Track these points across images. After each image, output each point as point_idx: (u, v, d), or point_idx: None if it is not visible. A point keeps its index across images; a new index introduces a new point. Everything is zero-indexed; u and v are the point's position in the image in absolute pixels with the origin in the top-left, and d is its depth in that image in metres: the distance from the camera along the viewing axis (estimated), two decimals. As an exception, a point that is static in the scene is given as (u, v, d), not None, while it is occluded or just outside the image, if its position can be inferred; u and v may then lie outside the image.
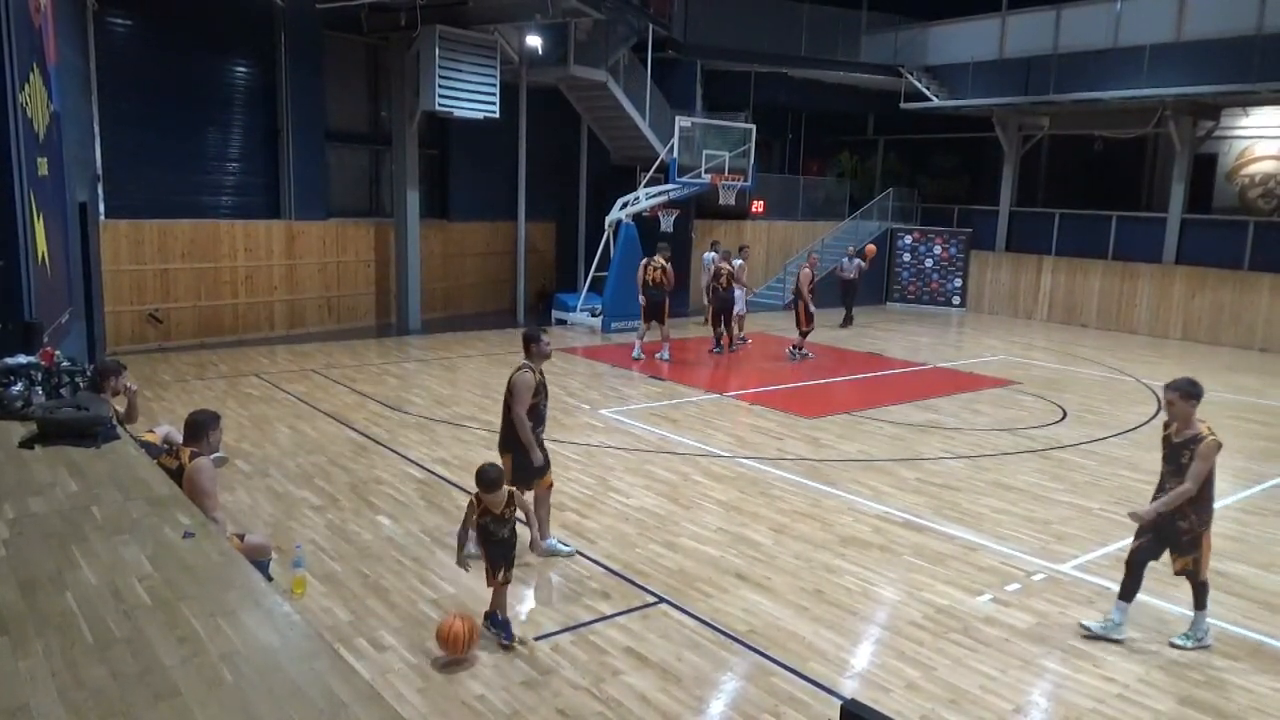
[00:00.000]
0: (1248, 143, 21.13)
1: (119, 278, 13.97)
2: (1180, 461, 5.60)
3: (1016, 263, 22.33)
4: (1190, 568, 5.70)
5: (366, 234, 17.41)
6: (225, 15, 15.00)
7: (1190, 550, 5.66)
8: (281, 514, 7.51)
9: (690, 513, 7.86)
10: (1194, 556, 5.66)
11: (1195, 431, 5.58)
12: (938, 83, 22.40)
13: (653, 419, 11.10)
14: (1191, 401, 5.60)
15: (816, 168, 27.97)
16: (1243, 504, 8.60)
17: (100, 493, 4.28)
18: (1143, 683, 5.27)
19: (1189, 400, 5.60)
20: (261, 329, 15.88)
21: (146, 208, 14.28)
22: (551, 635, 5.62)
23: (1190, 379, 5.69)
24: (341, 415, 10.72)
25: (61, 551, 3.57)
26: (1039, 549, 7.29)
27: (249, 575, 3.50)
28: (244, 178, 15.69)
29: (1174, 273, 19.58)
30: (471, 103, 16.06)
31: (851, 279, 19.83)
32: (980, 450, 10.01)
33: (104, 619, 3.02)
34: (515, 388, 6.68)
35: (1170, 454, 5.69)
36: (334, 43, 16.64)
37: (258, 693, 2.61)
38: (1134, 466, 9.64)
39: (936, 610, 6.12)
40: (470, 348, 15.53)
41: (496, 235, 19.79)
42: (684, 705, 4.89)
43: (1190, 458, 5.53)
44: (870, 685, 5.16)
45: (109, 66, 13.66)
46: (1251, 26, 17.32)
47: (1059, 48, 20.30)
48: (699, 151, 18.16)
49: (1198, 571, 5.69)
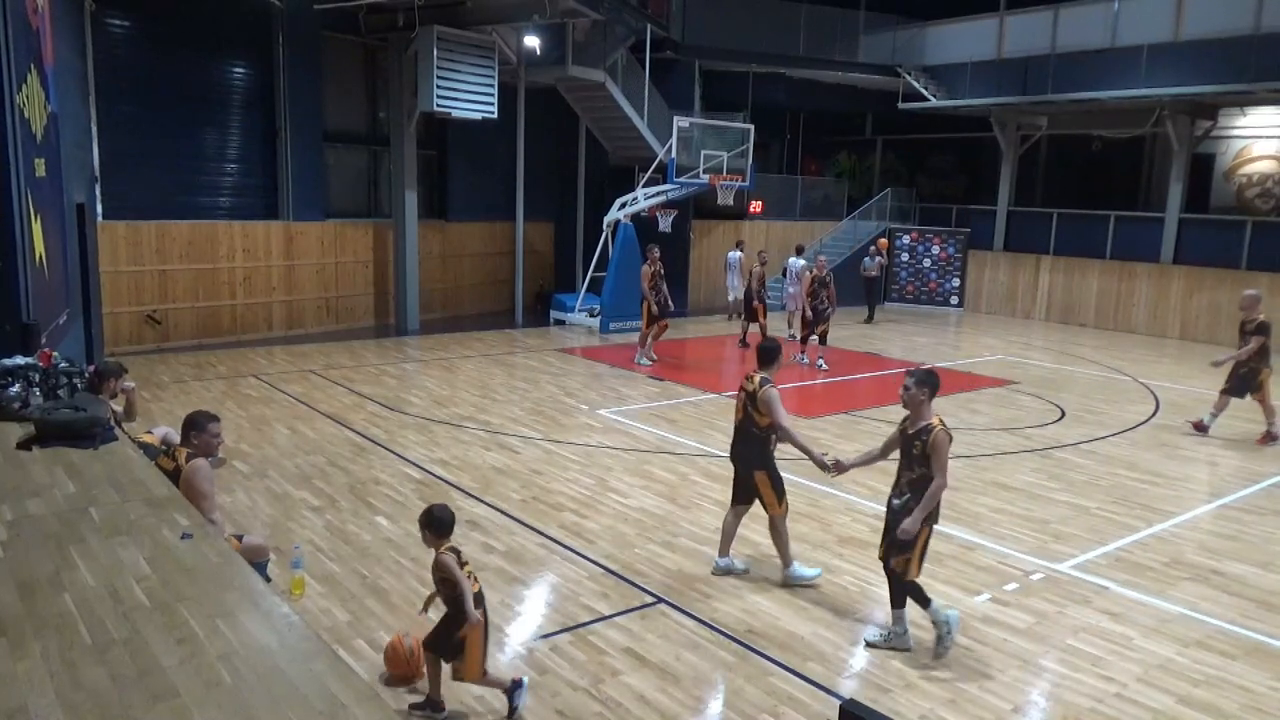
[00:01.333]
0: (1245, 142, 21.14)
1: (117, 279, 13.96)
2: (912, 453, 5.46)
3: (1014, 262, 22.34)
4: (901, 567, 5.52)
5: (365, 235, 17.41)
6: (223, 16, 15.00)
7: (906, 549, 5.47)
8: (280, 515, 7.50)
9: (689, 513, 7.87)
10: (907, 556, 5.48)
11: (927, 422, 5.43)
12: (936, 83, 22.42)
13: (651, 419, 11.10)
14: (924, 390, 5.47)
15: (815, 167, 28.01)
16: (1241, 503, 8.61)
17: (98, 494, 4.28)
18: (1141, 682, 5.27)
19: (922, 388, 5.47)
20: (260, 330, 15.87)
21: (144, 209, 14.28)
22: (550, 636, 5.62)
23: (929, 369, 5.59)
24: (340, 416, 10.71)
25: (59, 553, 3.57)
26: (1037, 548, 7.30)
27: (247, 576, 3.50)
28: (242, 179, 15.69)
29: (1172, 272, 19.60)
30: (469, 103, 16.06)
31: (874, 276, 20.50)
32: (978, 450, 10.01)
33: (102, 620, 3.02)
34: (770, 402, 6.24)
35: (905, 446, 5.54)
36: (332, 43, 16.64)
37: (256, 694, 2.61)
38: (1132, 466, 9.65)
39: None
40: (469, 348, 15.53)
41: (495, 236, 19.79)
42: (683, 705, 4.89)
43: (921, 449, 5.39)
44: (869, 685, 5.16)
45: (107, 67, 13.66)
46: (1249, 26, 17.34)
47: (1057, 47, 20.32)
48: (697, 152, 18.18)
49: (906, 570, 5.51)
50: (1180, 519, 8.10)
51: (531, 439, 10.03)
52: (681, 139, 17.88)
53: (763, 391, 6.27)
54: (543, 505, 7.95)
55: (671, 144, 17.79)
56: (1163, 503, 8.50)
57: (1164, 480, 9.21)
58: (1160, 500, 8.57)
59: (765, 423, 6.32)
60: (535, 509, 7.85)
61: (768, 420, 6.29)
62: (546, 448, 9.72)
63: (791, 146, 27.12)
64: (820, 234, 23.59)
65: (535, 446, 9.75)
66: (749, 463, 6.48)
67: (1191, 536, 7.67)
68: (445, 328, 17.56)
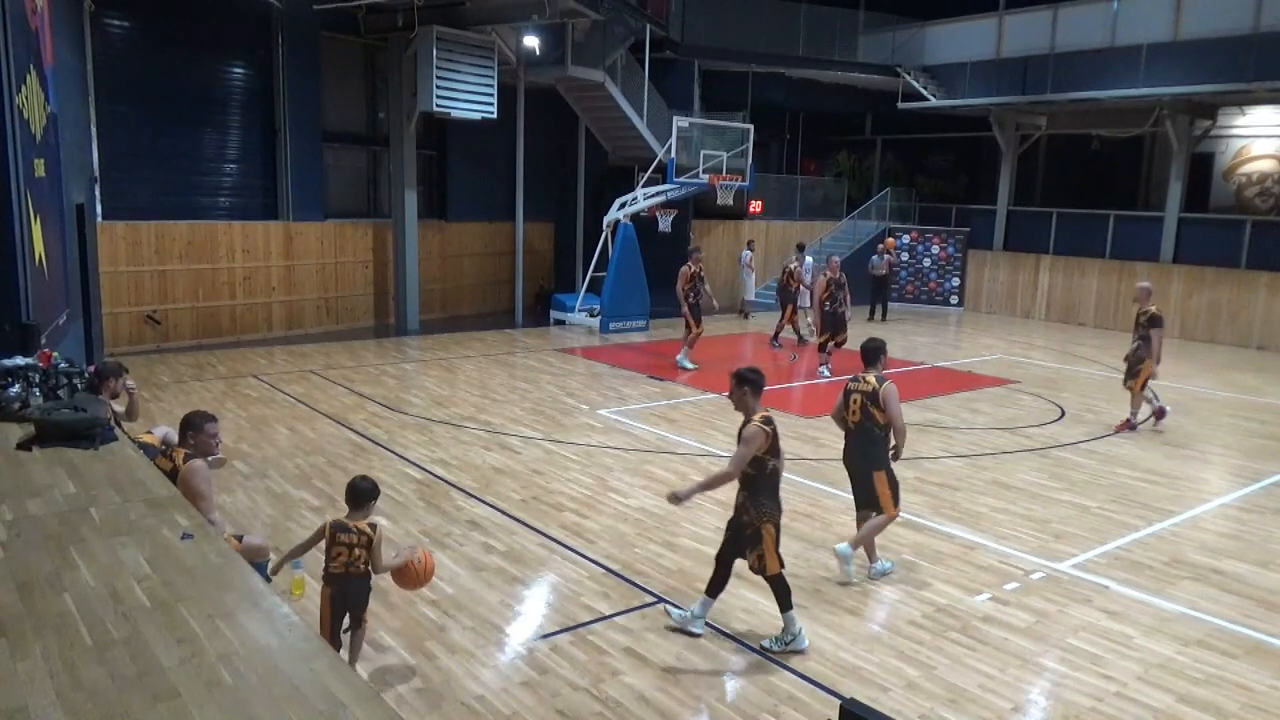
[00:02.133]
0: (1244, 142, 21.16)
1: (117, 279, 13.96)
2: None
3: (1014, 262, 22.34)
4: (756, 565, 5.52)
5: (364, 235, 17.41)
6: (222, 16, 15.00)
7: (754, 545, 5.48)
8: (280, 515, 7.50)
9: (689, 513, 7.85)
10: (758, 553, 5.48)
11: (746, 418, 5.45)
12: (935, 82, 22.44)
13: (651, 419, 11.10)
14: (744, 388, 5.47)
15: (814, 167, 28.02)
16: (1241, 502, 8.61)
17: (98, 494, 4.28)
18: (1141, 681, 5.27)
19: (742, 387, 5.46)
20: (260, 330, 15.87)
21: (144, 209, 14.28)
22: (551, 635, 5.62)
23: (752, 367, 5.58)
24: (340, 416, 10.71)
25: (59, 553, 3.56)
26: (1037, 548, 7.30)
27: (247, 576, 3.50)
28: (241, 179, 15.68)
29: (1171, 272, 19.60)
30: (469, 103, 16.05)
31: (883, 275, 20.62)
32: (979, 449, 10.01)
33: (102, 620, 3.02)
34: (891, 398, 6.34)
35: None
36: (331, 44, 16.64)
37: (256, 694, 2.61)
38: (1133, 465, 9.65)
39: (935, 609, 6.12)
40: (468, 348, 15.53)
41: (494, 236, 19.79)
42: (683, 705, 4.88)
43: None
44: (869, 684, 5.16)
45: (106, 68, 13.66)
46: (1248, 26, 17.35)
47: (1056, 47, 20.33)
48: (697, 152, 18.18)
49: (764, 566, 5.50)
50: (1180, 518, 8.10)
51: (532, 439, 10.03)
52: (681, 139, 17.88)
53: (884, 389, 6.37)
54: (543, 505, 7.95)
55: (671, 144, 17.79)
56: (1163, 502, 8.50)
57: (1164, 479, 9.22)
58: (1160, 499, 8.57)
59: (884, 420, 6.39)
60: (535, 509, 7.85)
61: (886, 418, 6.36)
62: (547, 448, 9.72)
63: (791, 146, 27.13)
64: (820, 234, 23.60)
65: (535, 446, 9.75)
66: (870, 462, 6.52)
67: (1191, 535, 7.67)
68: (445, 328, 17.55)
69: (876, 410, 6.39)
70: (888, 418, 6.38)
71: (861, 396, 6.46)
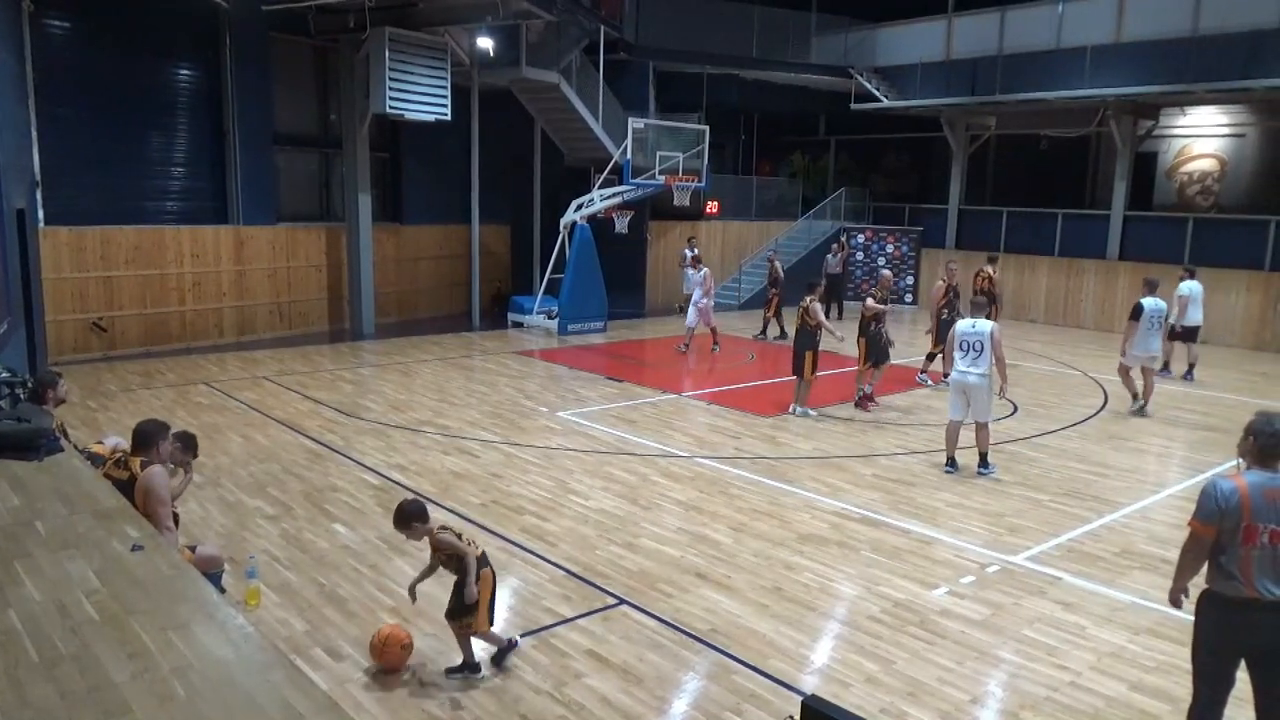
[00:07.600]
0: (1185, 141, 21.73)
1: (60, 286, 13.62)
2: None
3: (966, 260, 22.63)
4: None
5: (317, 238, 17.18)
6: (168, 16, 14.70)
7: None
8: (234, 524, 7.37)
9: (650, 513, 7.87)
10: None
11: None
12: (887, 83, 22.72)
13: (611, 420, 11.09)
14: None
15: (769, 168, 28.23)
16: (1186, 492, 8.81)
17: (44, 507, 4.17)
18: (1095, 670, 5.38)
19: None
20: (210, 336, 15.58)
21: (88, 214, 13.94)
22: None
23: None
24: (294, 422, 10.55)
25: (3, 568, 3.47)
26: (992, 541, 7.42)
27: (201, 588, 3.44)
28: (190, 182, 15.39)
29: (1118, 268, 20.06)
30: (422, 105, 15.92)
31: (837, 274, 20.76)
32: (934, 446, 10.15)
33: (49, 636, 2.94)
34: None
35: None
36: (281, 45, 16.40)
37: (212, 707, 2.56)
38: (1083, 459, 9.85)
39: (894, 604, 6.20)
40: (425, 352, 15.40)
41: (450, 238, 19.64)
42: (646, 706, 4.89)
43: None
44: (830, 680, 5.21)
45: (47, 69, 13.32)
46: (1187, 29, 17.82)
47: (1004, 49, 20.70)
48: (653, 153, 18.21)
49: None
50: (1130, 509, 8.29)
51: (491, 442, 9.97)
52: (636, 140, 17.90)
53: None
54: (503, 509, 7.90)
55: (627, 145, 17.80)
56: (1113, 494, 8.69)
57: (1113, 472, 9.42)
58: (1110, 491, 8.76)
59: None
60: (495, 512, 7.80)
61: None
62: (506, 451, 9.67)
63: (746, 147, 27.32)
64: (776, 234, 23.78)
65: (494, 450, 9.70)
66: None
67: (1141, 526, 7.86)
68: (401, 332, 17.39)
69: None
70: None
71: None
